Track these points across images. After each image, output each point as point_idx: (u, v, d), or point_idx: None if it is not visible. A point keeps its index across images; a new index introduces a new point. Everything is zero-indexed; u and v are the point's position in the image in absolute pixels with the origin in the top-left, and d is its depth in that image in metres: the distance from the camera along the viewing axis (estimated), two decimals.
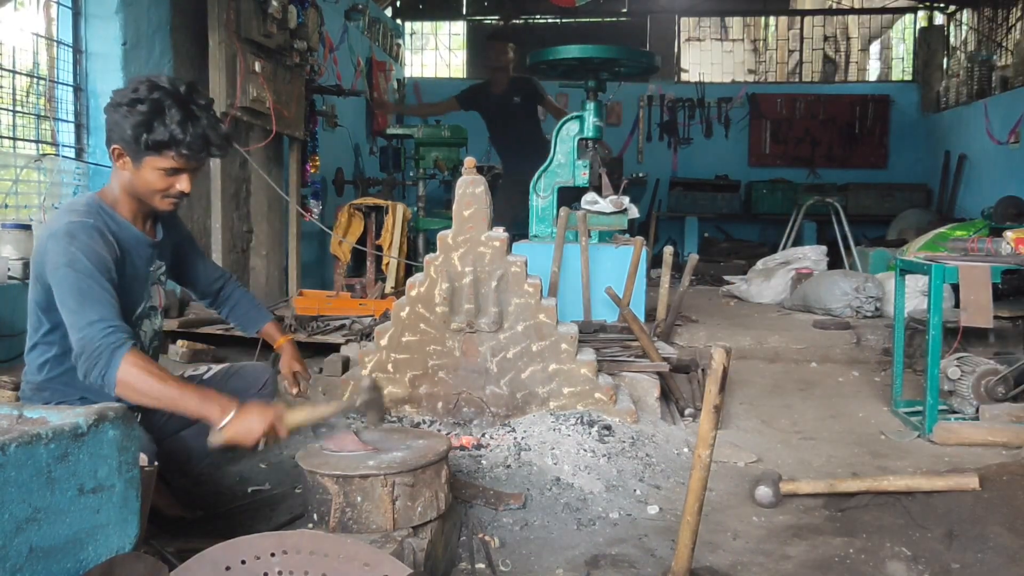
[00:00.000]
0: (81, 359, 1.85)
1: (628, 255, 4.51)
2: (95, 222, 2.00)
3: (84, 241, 1.94)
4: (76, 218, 1.98)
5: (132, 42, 4.20)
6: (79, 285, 1.89)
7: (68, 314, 1.89)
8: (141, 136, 1.99)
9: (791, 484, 2.65)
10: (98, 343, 1.83)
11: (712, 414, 1.82)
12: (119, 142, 2.03)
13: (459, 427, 3.11)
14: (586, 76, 5.00)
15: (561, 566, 2.15)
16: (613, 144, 10.21)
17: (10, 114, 3.83)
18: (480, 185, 3.12)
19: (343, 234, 5.44)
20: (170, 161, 2.04)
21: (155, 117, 1.98)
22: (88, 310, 1.87)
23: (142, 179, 2.06)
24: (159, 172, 2.05)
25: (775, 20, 12.24)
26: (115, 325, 1.87)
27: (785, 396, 4.04)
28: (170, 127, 1.99)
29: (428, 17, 11.50)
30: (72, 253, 1.91)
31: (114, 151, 2.06)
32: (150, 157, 2.03)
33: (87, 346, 1.84)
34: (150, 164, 2.04)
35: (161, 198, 2.11)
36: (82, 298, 1.88)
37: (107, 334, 1.84)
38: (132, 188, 2.10)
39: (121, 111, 2.00)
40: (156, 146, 2.00)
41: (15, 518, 1.22)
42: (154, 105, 1.99)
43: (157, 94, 2.00)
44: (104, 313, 1.87)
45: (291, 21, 4.88)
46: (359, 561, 1.41)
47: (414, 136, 6.64)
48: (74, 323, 1.87)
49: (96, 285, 1.90)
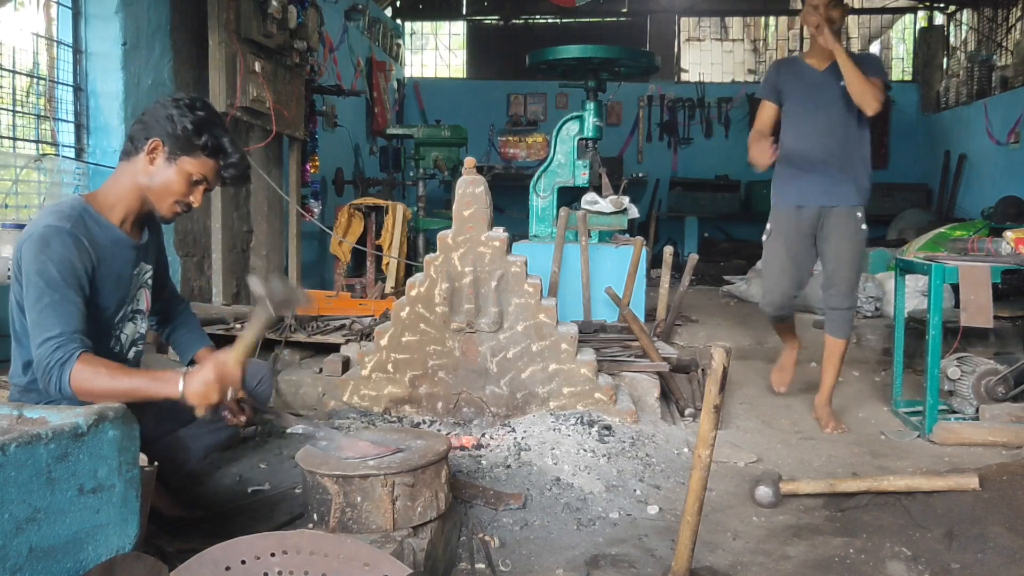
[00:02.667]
0: (39, 376, 1.89)
1: (628, 255, 4.51)
2: (71, 227, 1.98)
3: (56, 249, 1.93)
4: (53, 222, 1.97)
5: (132, 42, 4.20)
6: (43, 297, 1.90)
7: (30, 326, 1.92)
8: (199, 136, 2.05)
9: (791, 484, 2.65)
10: (47, 359, 1.86)
11: (712, 414, 1.82)
12: (162, 135, 2.05)
13: (459, 427, 3.11)
14: (586, 76, 5.00)
15: (561, 566, 2.15)
16: (613, 144, 10.22)
17: (10, 114, 3.83)
18: (480, 185, 3.12)
19: (343, 234, 5.45)
20: (208, 169, 2.09)
21: (213, 126, 2.08)
22: (46, 324, 1.89)
23: (165, 179, 2.08)
24: (187, 177, 2.08)
25: (775, 20, 12.23)
26: (65, 339, 1.89)
27: (785, 396, 4.04)
28: (223, 138, 2.10)
29: (428, 17, 11.50)
30: (42, 261, 1.91)
31: (151, 144, 2.06)
32: (190, 159, 2.06)
33: (40, 364, 1.88)
34: (183, 166, 2.07)
35: (172, 204, 2.12)
36: (43, 311, 1.90)
37: (54, 349, 1.87)
38: (148, 186, 2.09)
39: (179, 109, 2.06)
40: (207, 149, 2.07)
41: (15, 518, 1.22)
42: (213, 116, 2.11)
43: (212, 111, 2.13)
44: (61, 327, 1.89)
45: (291, 21, 4.88)
46: (359, 561, 1.41)
47: (414, 136, 6.64)
48: (33, 337, 1.91)
49: (60, 296, 1.91)
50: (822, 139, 3.51)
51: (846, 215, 3.52)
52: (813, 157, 3.52)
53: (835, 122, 3.50)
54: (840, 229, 3.53)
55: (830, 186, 3.52)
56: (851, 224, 3.52)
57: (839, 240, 3.53)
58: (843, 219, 3.52)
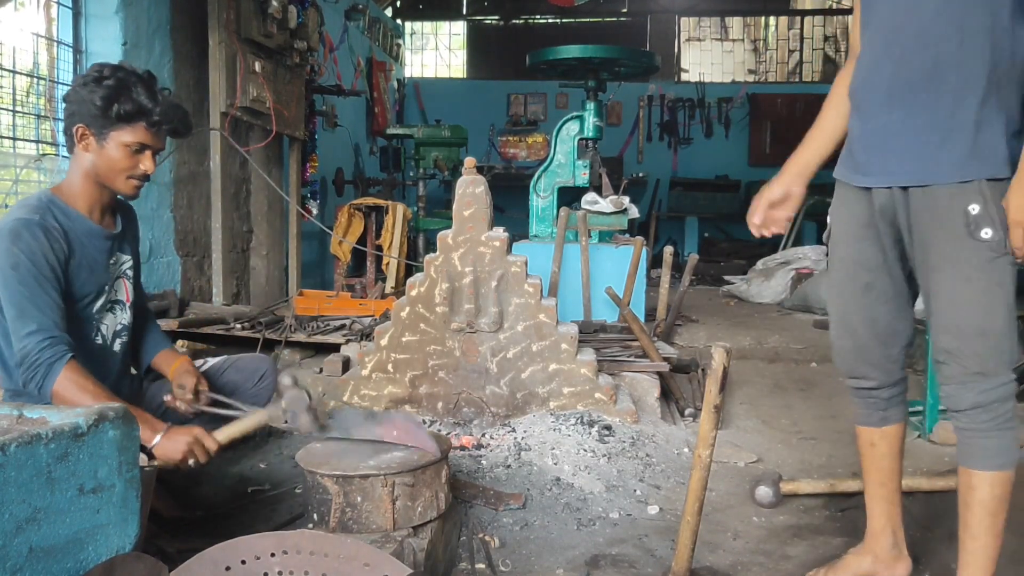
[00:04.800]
0: (21, 368, 1.90)
1: (628, 255, 4.51)
2: (41, 218, 1.99)
3: (27, 241, 1.94)
4: (23, 215, 1.98)
5: (132, 42, 4.20)
6: (20, 290, 1.90)
7: (10, 320, 1.92)
8: (110, 108, 2.00)
9: (791, 484, 2.65)
10: (36, 355, 1.87)
11: (712, 414, 1.81)
12: (84, 119, 2.03)
13: (459, 427, 3.11)
14: (586, 76, 5.00)
15: (561, 566, 2.15)
16: (613, 144, 10.22)
17: (10, 114, 3.83)
18: (480, 185, 3.12)
19: (343, 234, 5.45)
20: (138, 134, 2.04)
21: (123, 91, 2.02)
22: (28, 318, 1.89)
23: (106, 158, 2.06)
24: (125, 149, 2.05)
25: (775, 20, 12.25)
26: (54, 336, 1.90)
27: (785, 396, 4.04)
28: (138, 98, 2.03)
29: (428, 17, 11.51)
30: (15, 255, 1.92)
31: (77, 131, 2.04)
32: (117, 131, 2.03)
33: (26, 357, 1.88)
34: (116, 139, 2.04)
35: (125, 179, 2.09)
36: (22, 305, 1.90)
37: (44, 347, 1.87)
38: (94, 171, 2.08)
39: (87, 88, 2.02)
40: (126, 116, 2.02)
41: (15, 518, 1.22)
42: (120, 81, 2.03)
43: (122, 73, 2.05)
44: (43, 322, 1.90)
45: (291, 21, 4.89)
46: (359, 561, 1.41)
47: (414, 136, 6.65)
48: (15, 330, 1.91)
49: (38, 289, 1.92)
50: (911, 58, 1.76)
51: (948, 207, 1.72)
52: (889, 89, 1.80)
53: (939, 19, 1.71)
54: (942, 237, 1.74)
55: (929, 147, 1.74)
56: (961, 225, 1.70)
57: (941, 259, 1.75)
58: (945, 215, 1.73)
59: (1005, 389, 1.75)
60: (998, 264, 1.71)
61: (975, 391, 1.75)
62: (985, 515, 1.80)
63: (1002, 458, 1.78)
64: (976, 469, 1.80)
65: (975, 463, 1.80)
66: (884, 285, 1.92)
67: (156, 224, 4.42)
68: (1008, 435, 1.77)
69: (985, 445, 1.78)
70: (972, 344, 1.74)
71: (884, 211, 1.84)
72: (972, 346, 1.73)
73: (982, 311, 1.72)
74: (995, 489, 1.79)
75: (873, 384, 1.99)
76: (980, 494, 1.79)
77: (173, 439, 1.93)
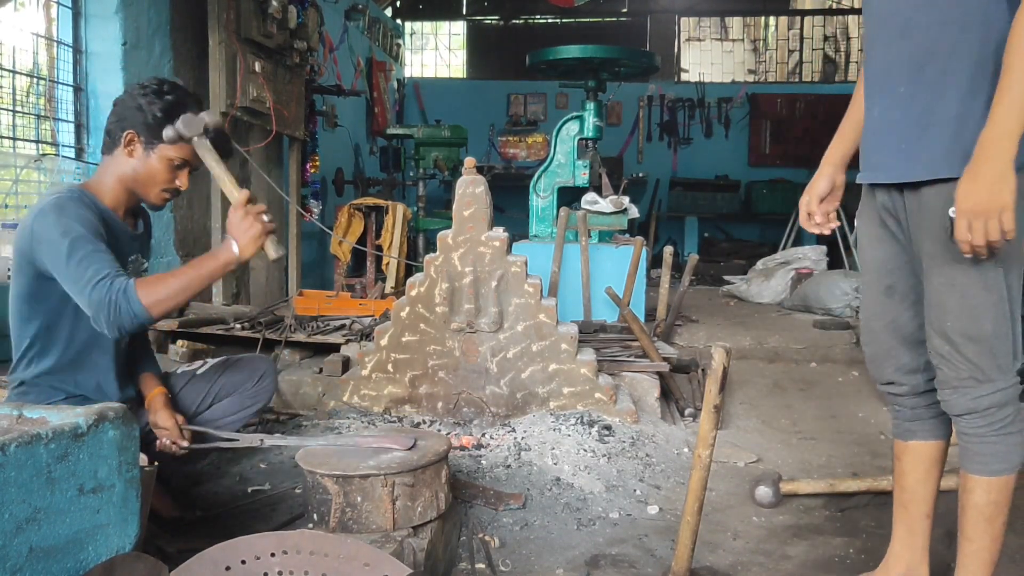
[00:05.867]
0: (101, 319, 1.89)
1: (628, 255, 4.51)
2: (81, 197, 2.02)
3: (73, 211, 1.96)
4: (63, 193, 2.00)
5: (132, 42, 4.20)
6: (75, 252, 1.91)
7: (70, 283, 1.92)
8: (165, 122, 2.04)
9: (791, 484, 2.65)
10: (104, 298, 1.87)
11: (712, 414, 1.81)
12: (136, 127, 2.06)
13: (459, 427, 3.11)
14: (586, 76, 5.00)
15: (561, 566, 2.15)
16: (613, 144, 10.22)
17: (10, 114, 3.83)
18: (480, 185, 3.12)
19: (343, 234, 5.45)
20: (185, 151, 2.08)
21: (180, 108, 2.06)
22: (87, 272, 1.89)
23: (148, 168, 2.09)
24: (168, 163, 2.09)
25: (775, 20, 12.24)
26: (111, 274, 1.90)
27: (785, 396, 4.04)
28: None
29: (428, 17, 11.51)
30: (64, 223, 1.93)
31: (126, 136, 2.07)
32: (166, 145, 2.06)
33: (99, 308, 1.88)
34: (162, 153, 2.07)
35: (159, 192, 2.13)
36: (79, 263, 1.90)
37: (109, 285, 1.88)
38: (133, 177, 2.10)
39: (147, 97, 2.05)
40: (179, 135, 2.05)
41: (15, 518, 1.22)
42: (179, 98, 2.09)
43: (180, 92, 2.12)
44: (101, 270, 1.90)
45: (291, 21, 4.89)
46: (359, 561, 1.41)
47: (414, 136, 6.65)
48: (79, 290, 1.90)
49: (91, 246, 1.92)
50: (895, 49, 1.72)
51: (932, 207, 1.67)
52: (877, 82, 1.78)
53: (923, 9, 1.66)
54: (927, 238, 1.70)
55: (907, 143, 1.70)
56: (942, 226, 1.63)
57: (929, 261, 1.70)
58: (929, 215, 1.68)
59: (1002, 395, 1.68)
60: (983, 267, 1.62)
61: (968, 397, 1.70)
62: (980, 519, 1.74)
63: (999, 464, 1.71)
64: (972, 473, 1.75)
65: (972, 467, 1.75)
66: (906, 287, 1.83)
67: (156, 224, 4.42)
68: (1008, 440, 1.70)
69: (982, 450, 1.73)
70: (962, 349, 1.67)
71: (887, 209, 1.79)
72: (962, 351, 1.67)
73: (968, 316, 1.65)
74: (991, 495, 1.73)
75: (900, 391, 1.90)
76: (976, 498, 1.74)
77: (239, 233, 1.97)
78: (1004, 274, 1.63)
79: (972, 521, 1.75)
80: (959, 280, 1.65)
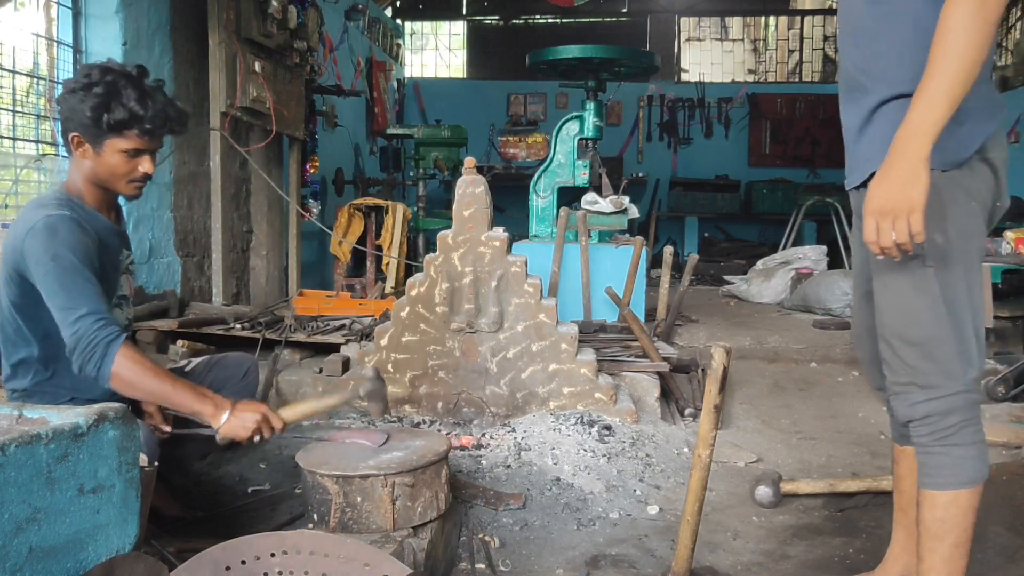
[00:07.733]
0: (75, 353, 1.85)
1: (628, 255, 4.51)
2: (71, 214, 1.98)
3: (64, 235, 1.93)
4: (53, 211, 1.96)
5: (132, 42, 4.20)
6: (65, 279, 1.88)
7: (57, 310, 1.89)
8: (101, 118, 1.98)
9: (791, 484, 2.66)
10: (91, 336, 1.84)
11: (712, 414, 1.81)
12: (78, 129, 2.02)
13: (459, 427, 3.11)
14: (586, 76, 5.00)
15: (561, 566, 2.15)
16: (613, 144, 10.23)
17: (10, 114, 3.83)
18: (480, 185, 3.12)
19: (343, 234, 5.45)
20: (133, 141, 2.03)
21: (112, 98, 1.99)
22: (77, 304, 1.87)
23: (105, 164, 2.05)
24: (121, 155, 2.04)
25: (775, 20, 12.24)
26: (106, 318, 1.88)
27: (785, 396, 4.04)
28: (129, 105, 1.99)
29: (428, 17, 11.51)
30: (55, 248, 1.90)
31: (73, 140, 2.04)
32: (112, 139, 2.02)
33: (80, 340, 1.84)
34: (112, 147, 2.03)
35: (126, 183, 2.09)
36: (69, 292, 1.88)
37: (99, 327, 1.85)
38: (95, 176, 2.08)
39: (77, 96, 1.99)
40: (118, 126, 2.00)
41: (15, 518, 1.22)
42: (109, 87, 1.99)
43: (110, 76, 2.01)
44: (92, 306, 1.87)
45: (291, 21, 4.89)
46: (359, 561, 1.41)
47: (414, 136, 6.65)
48: (64, 319, 1.87)
49: (81, 278, 1.90)
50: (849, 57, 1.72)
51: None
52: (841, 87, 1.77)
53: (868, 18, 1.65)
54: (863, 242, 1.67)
55: (852, 146, 1.72)
56: None
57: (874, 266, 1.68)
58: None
59: (943, 402, 1.57)
60: (910, 268, 1.56)
61: (906, 403, 1.62)
62: (926, 536, 1.61)
63: (943, 477, 1.58)
64: (920, 486, 1.63)
65: (920, 479, 1.64)
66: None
67: (156, 224, 4.42)
68: (954, 452, 1.57)
69: (925, 461, 1.62)
70: (899, 352, 1.61)
71: (858, 214, 1.71)
72: (900, 354, 1.61)
73: (902, 319, 1.59)
74: (935, 510, 1.59)
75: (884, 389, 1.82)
76: (923, 513, 1.61)
77: (241, 416, 1.91)
78: (936, 274, 1.55)
79: (922, 537, 1.63)
80: (891, 283, 1.61)
